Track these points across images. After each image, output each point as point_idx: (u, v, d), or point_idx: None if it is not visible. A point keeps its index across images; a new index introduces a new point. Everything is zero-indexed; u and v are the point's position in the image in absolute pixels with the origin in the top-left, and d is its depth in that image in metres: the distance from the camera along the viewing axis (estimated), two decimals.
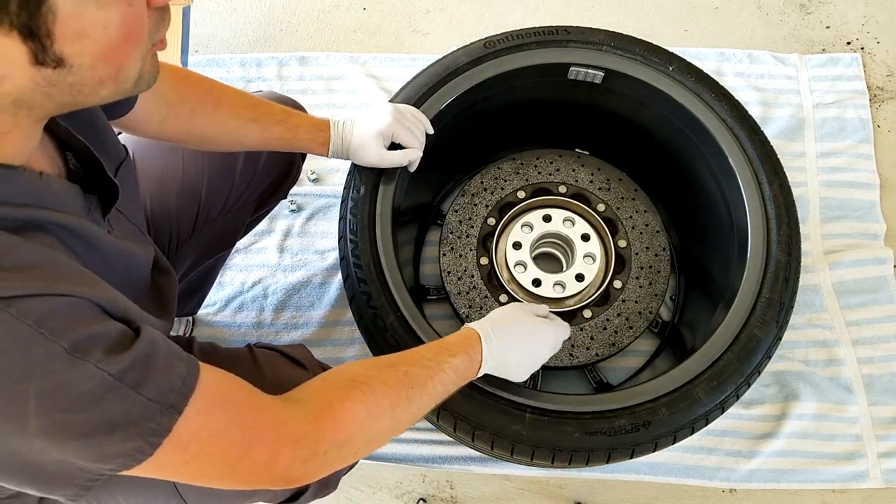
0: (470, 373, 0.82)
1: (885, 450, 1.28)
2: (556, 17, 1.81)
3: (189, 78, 0.91)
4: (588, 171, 1.35)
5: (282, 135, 0.97)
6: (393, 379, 0.72)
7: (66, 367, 0.49)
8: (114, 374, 0.51)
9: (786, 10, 1.80)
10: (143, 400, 0.53)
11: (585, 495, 1.28)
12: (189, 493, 0.82)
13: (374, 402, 0.68)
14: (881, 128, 1.62)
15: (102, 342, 0.52)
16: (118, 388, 0.51)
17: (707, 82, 1.19)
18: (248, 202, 1.09)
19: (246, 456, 0.60)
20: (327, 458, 0.65)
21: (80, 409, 0.50)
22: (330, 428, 0.65)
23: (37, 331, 0.48)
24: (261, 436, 0.60)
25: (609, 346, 1.23)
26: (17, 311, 0.47)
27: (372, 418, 0.68)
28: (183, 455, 0.56)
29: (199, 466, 0.58)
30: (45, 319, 0.48)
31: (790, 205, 1.10)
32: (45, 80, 0.48)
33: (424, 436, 1.29)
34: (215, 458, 0.58)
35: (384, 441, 0.73)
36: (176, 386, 0.55)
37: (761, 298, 1.02)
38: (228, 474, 0.61)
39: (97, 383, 0.50)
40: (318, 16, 1.82)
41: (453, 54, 1.20)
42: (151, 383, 0.53)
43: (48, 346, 0.48)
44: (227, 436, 0.58)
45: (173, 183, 0.98)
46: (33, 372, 0.48)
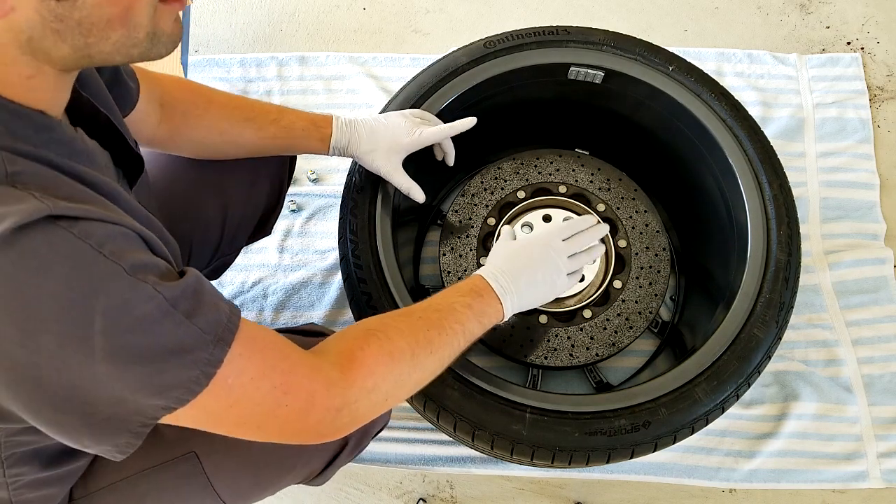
0: (491, 310, 0.82)
1: (885, 450, 1.28)
2: (556, 17, 1.81)
3: (181, 82, 0.91)
4: (588, 171, 1.35)
5: (276, 133, 0.96)
6: (406, 324, 0.74)
7: (128, 285, 0.50)
8: (168, 298, 0.52)
9: (786, 10, 1.80)
10: (196, 329, 0.54)
11: (585, 495, 1.28)
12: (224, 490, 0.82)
13: (391, 345, 0.70)
14: (881, 128, 1.62)
15: (155, 269, 0.53)
16: (173, 314, 0.52)
17: (707, 82, 1.19)
18: (239, 246, 1.11)
19: (284, 402, 0.61)
20: (359, 406, 0.67)
21: (141, 330, 0.51)
22: (357, 374, 0.66)
23: (98, 251, 0.49)
24: (297, 382, 0.62)
25: (609, 346, 1.23)
26: (79, 231, 0.49)
27: (393, 361, 0.69)
28: (228, 397, 0.57)
29: (242, 411, 0.59)
30: (104, 241, 0.50)
31: (790, 205, 1.10)
32: (50, 13, 0.48)
33: (424, 436, 1.29)
34: (256, 402, 0.59)
35: (412, 385, 0.73)
36: (223, 321, 0.57)
37: (761, 298, 1.02)
38: (267, 422, 0.62)
39: (155, 305, 0.51)
40: (318, 16, 1.82)
41: (453, 54, 1.20)
42: (202, 315, 0.55)
43: (110, 265, 0.49)
44: (267, 379, 0.60)
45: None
46: (98, 290, 0.49)
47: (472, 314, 0.80)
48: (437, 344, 0.74)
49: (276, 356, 0.62)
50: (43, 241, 0.47)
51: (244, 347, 0.58)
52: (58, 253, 0.48)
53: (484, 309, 0.82)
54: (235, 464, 0.81)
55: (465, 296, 0.81)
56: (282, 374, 0.61)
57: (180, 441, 0.79)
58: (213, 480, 0.80)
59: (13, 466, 0.67)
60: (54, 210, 0.48)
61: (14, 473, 0.68)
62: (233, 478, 0.82)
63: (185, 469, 0.79)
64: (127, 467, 0.78)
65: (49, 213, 0.47)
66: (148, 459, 0.78)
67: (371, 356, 0.68)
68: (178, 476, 0.79)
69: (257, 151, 0.99)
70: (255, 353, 0.59)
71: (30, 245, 0.47)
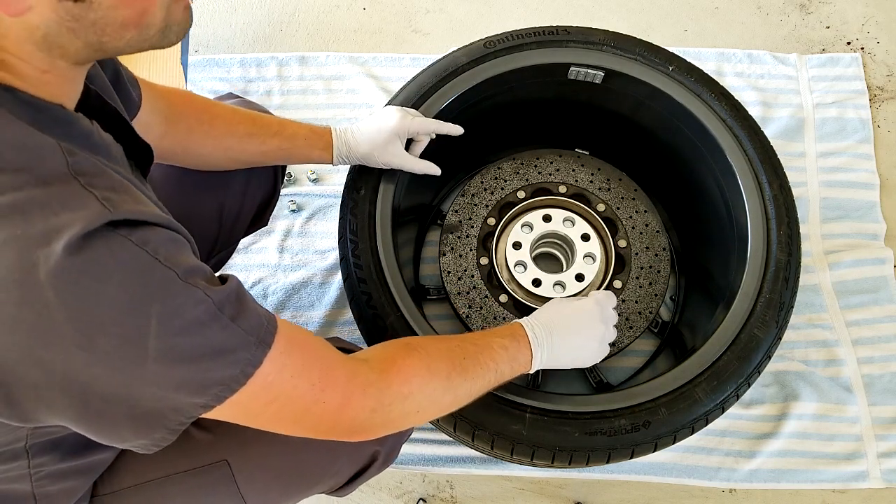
0: (522, 358, 0.84)
1: (885, 450, 1.28)
2: (556, 17, 1.81)
3: (185, 97, 0.92)
4: (588, 171, 1.35)
5: (280, 145, 0.97)
6: (445, 347, 0.77)
7: (181, 291, 0.53)
8: (216, 302, 0.55)
9: (786, 10, 1.80)
10: (240, 331, 0.57)
11: (585, 495, 1.28)
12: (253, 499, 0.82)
13: (431, 361, 0.74)
14: (881, 128, 1.62)
15: (203, 274, 0.56)
16: (220, 318, 0.55)
17: (707, 82, 1.19)
18: (236, 240, 1.11)
19: (321, 399, 0.63)
20: (392, 410, 0.69)
21: (191, 333, 0.53)
22: (394, 379, 0.69)
23: (154, 257, 0.52)
24: (334, 379, 0.65)
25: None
26: (138, 238, 0.51)
27: (431, 375, 0.72)
28: (268, 393, 0.60)
29: (280, 407, 0.62)
30: (159, 247, 0.53)
31: (790, 205, 1.10)
32: (67, 13, 0.49)
33: (424, 436, 1.29)
34: (294, 399, 0.62)
35: (443, 407, 0.76)
36: (263, 324, 0.59)
37: (761, 298, 1.02)
38: (303, 418, 0.64)
39: (204, 309, 0.54)
40: (318, 16, 1.82)
41: (453, 54, 1.20)
42: (244, 318, 0.57)
43: (165, 271, 0.52)
44: (305, 376, 0.62)
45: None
46: (155, 295, 0.51)
47: (506, 356, 0.82)
48: (472, 374, 0.77)
49: (314, 355, 0.64)
50: (106, 250, 0.50)
51: (285, 347, 0.61)
52: (119, 261, 0.50)
53: (517, 355, 0.83)
54: (266, 474, 0.82)
55: (504, 338, 0.83)
56: (320, 371, 0.64)
57: (213, 448, 0.80)
58: (242, 489, 0.81)
59: (36, 456, 0.68)
60: (115, 215, 0.50)
61: (38, 463, 0.69)
62: (263, 487, 0.82)
63: (216, 476, 0.80)
64: (155, 469, 0.79)
65: (110, 219, 0.50)
66: (179, 464, 0.79)
67: (410, 366, 0.71)
68: (209, 483, 0.80)
69: (260, 163, 1.01)
70: (295, 352, 0.62)
71: (94, 254, 0.49)
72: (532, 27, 1.22)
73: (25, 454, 0.67)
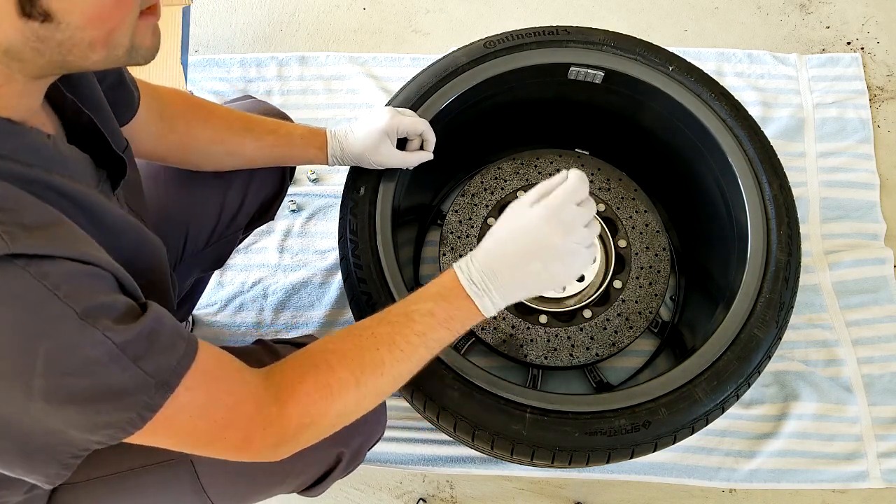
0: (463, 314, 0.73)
1: (885, 450, 1.28)
2: (556, 17, 1.81)
3: (181, 95, 0.92)
4: (588, 171, 1.35)
5: (276, 142, 0.98)
6: (353, 346, 0.69)
7: (76, 330, 0.50)
8: (118, 343, 0.52)
9: (786, 10, 1.80)
10: (141, 374, 0.54)
11: (585, 495, 1.28)
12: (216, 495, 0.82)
13: (331, 376, 0.67)
14: (881, 128, 1.62)
15: (112, 312, 0.53)
16: (120, 359, 0.52)
17: (707, 82, 1.19)
18: (238, 228, 1.10)
19: (223, 435, 0.62)
20: (298, 439, 0.67)
21: (83, 373, 0.51)
22: (293, 411, 0.65)
23: (52, 293, 0.49)
24: (236, 419, 0.62)
25: (609, 346, 1.22)
26: (36, 271, 0.48)
27: (333, 395, 0.66)
28: (168, 429, 0.58)
29: (182, 439, 0.61)
30: (61, 283, 0.49)
31: (790, 205, 1.10)
32: (33, 33, 0.48)
33: (424, 435, 1.29)
34: (197, 434, 0.61)
35: (362, 410, 0.70)
36: (172, 364, 0.57)
37: (761, 298, 1.02)
38: (208, 448, 0.63)
39: (103, 351, 0.51)
40: (318, 16, 1.82)
41: (453, 54, 1.20)
42: (151, 359, 0.55)
43: (62, 308, 0.49)
44: (208, 416, 0.60)
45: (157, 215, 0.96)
46: (45, 332, 0.49)
47: (435, 322, 0.71)
48: (390, 363, 0.69)
49: (222, 391, 0.62)
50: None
51: (193, 380, 0.58)
52: (8, 292, 0.47)
53: (452, 314, 0.72)
54: (229, 472, 0.81)
55: (428, 301, 0.72)
56: (224, 409, 0.61)
57: None
58: (205, 485, 0.81)
59: None
60: (12, 249, 0.47)
61: None
62: (226, 484, 0.82)
63: (179, 472, 0.80)
64: (120, 462, 0.79)
65: (7, 252, 0.47)
66: (142, 458, 0.79)
67: (305, 393, 0.65)
68: (172, 478, 0.80)
69: (258, 162, 1.00)
70: (201, 389, 0.60)
71: None
72: (532, 27, 1.22)
73: None
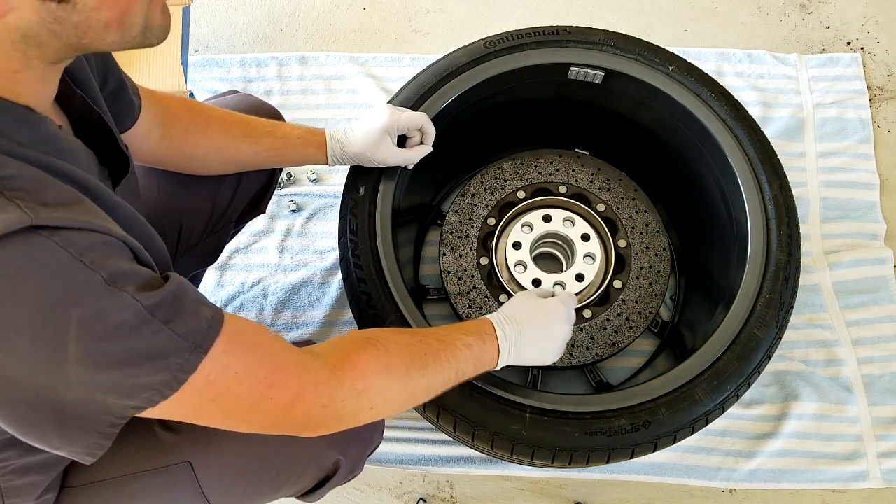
0: (487, 357, 0.83)
1: (885, 450, 1.28)
2: (556, 17, 1.81)
3: (180, 101, 0.93)
4: (588, 171, 1.35)
5: (273, 145, 0.98)
6: (406, 342, 0.75)
7: (105, 295, 0.51)
8: (147, 306, 0.53)
9: (786, 10, 1.80)
10: (173, 335, 0.55)
11: (585, 495, 1.28)
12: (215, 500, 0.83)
13: (388, 357, 0.72)
14: (881, 128, 1.62)
15: (136, 278, 0.54)
16: (150, 322, 0.53)
17: (707, 82, 1.19)
18: (230, 221, 1.11)
19: (268, 395, 0.62)
20: (345, 406, 0.68)
21: (115, 337, 0.52)
22: (348, 376, 0.68)
23: (78, 260, 0.50)
24: (283, 377, 0.63)
25: (609, 346, 1.22)
26: (61, 239, 0.49)
27: (387, 372, 0.71)
28: (209, 392, 0.58)
29: (224, 405, 0.60)
30: (85, 250, 0.50)
31: (790, 205, 1.10)
32: (50, 14, 0.49)
33: (424, 436, 1.29)
34: (240, 396, 0.61)
35: (399, 404, 0.74)
36: (202, 328, 0.57)
37: (761, 298, 1.02)
38: (251, 415, 0.63)
39: (132, 314, 0.52)
40: (318, 16, 1.82)
41: (453, 54, 1.20)
42: (180, 321, 0.56)
43: (89, 274, 0.50)
44: (251, 375, 0.61)
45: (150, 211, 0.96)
46: (75, 298, 0.50)
47: (470, 355, 0.80)
48: (431, 370, 0.75)
49: (263, 352, 0.63)
50: (21, 250, 0.48)
51: (229, 345, 0.59)
52: (36, 261, 0.48)
53: (481, 354, 0.82)
54: (228, 476, 0.82)
55: (469, 335, 0.82)
56: (268, 369, 0.62)
57: (177, 449, 0.80)
58: (205, 490, 0.81)
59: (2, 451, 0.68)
60: (36, 220, 0.48)
61: (2, 458, 0.68)
62: (224, 488, 0.83)
63: (179, 476, 0.80)
64: (123, 466, 0.79)
65: (30, 224, 0.48)
66: (144, 463, 0.80)
67: (365, 361, 0.70)
68: (172, 483, 0.80)
69: (257, 164, 1.01)
70: (241, 350, 0.61)
71: (7, 254, 0.48)
72: (532, 27, 1.22)
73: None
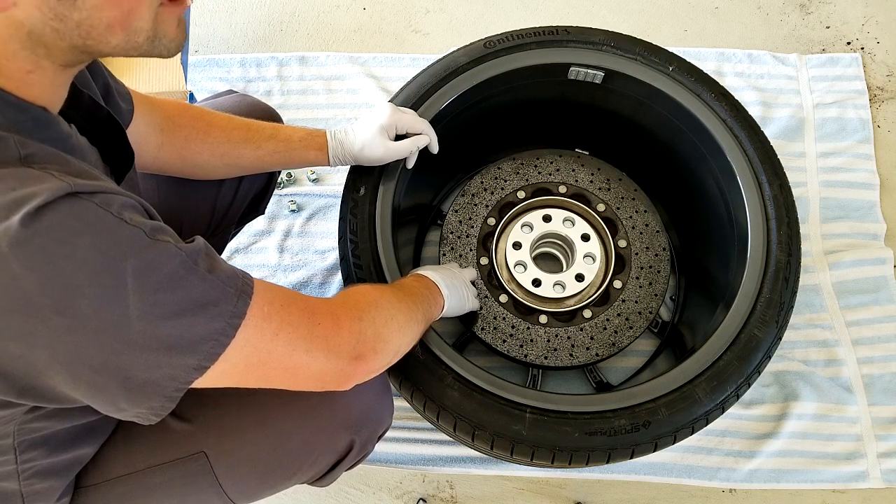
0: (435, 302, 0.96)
1: (885, 450, 1.28)
2: (556, 17, 1.81)
3: (182, 107, 0.93)
4: (588, 171, 1.35)
5: (275, 149, 0.98)
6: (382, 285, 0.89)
7: (151, 246, 0.53)
8: (189, 255, 0.55)
9: (786, 10, 1.80)
10: (219, 282, 0.57)
11: (585, 495, 1.28)
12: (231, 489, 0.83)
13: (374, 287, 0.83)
14: (881, 128, 1.62)
15: (169, 233, 0.56)
16: (196, 270, 0.55)
17: (707, 82, 1.19)
18: (231, 223, 1.11)
19: (315, 320, 0.66)
20: (374, 318, 0.75)
21: (171, 287, 0.53)
22: (358, 296, 0.76)
23: (119, 218, 0.52)
24: (317, 306, 0.68)
25: (609, 346, 1.22)
26: (100, 201, 0.51)
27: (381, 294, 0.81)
28: (269, 324, 0.61)
29: (285, 338, 0.63)
30: (123, 210, 0.52)
31: (790, 205, 1.10)
32: (51, 10, 0.50)
33: (424, 436, 1.29)
34: (294, 324, 0.64)
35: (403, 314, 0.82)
36: (240, 275, 0.60)
37: (761, 298, 1.02)
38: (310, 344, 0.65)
39: (179, 262, 0.54)
40: (318, 16, 1.82)
41: (453, 54, 1.20)
42: (220, 271, 0.58)
43: (132, 230, 0.52)
44: (294, 305, 0.65)
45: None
46: (126, 252, 0.51)
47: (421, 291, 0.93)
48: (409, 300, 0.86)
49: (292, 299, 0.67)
50: (69, 213, 0.49)
51: (266, 290, 0.62)
52: (84, 222, 0.50)
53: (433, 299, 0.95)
54: (244, 464, 0.82)
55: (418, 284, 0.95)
56: (304, 302, 0.67)
57: (191, 440, 0.81)
58: (220, 479, 0.81)
59: (25, 452, 0.68)
60: (75, 187, 0.50)
61: (26, 459, 0.69)
62: (240, 477, 0.83)
63: (194, 468, 0.80)
64: (137, 461, 0.80)
65: (70, 191, 0.49)
66: (158, 456, 0.80)
67: (359, 288, 0.81)
68: (187, 474, 0.81)
69: (259, 168, 1.01)
70: (275, 300, 0.63)
71: (56, 218, 0.49)
72: (532, 27, 1.22)
73: (13, 450, 0.67)
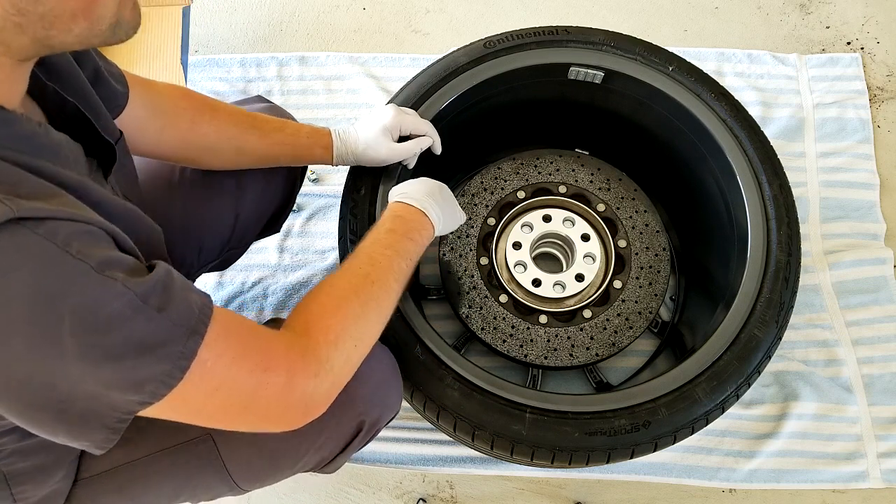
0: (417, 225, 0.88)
1: (885, 450, 1.28)
2: (556, 17, 1.81)
3: (183, 91, 0.92)
4: (588, 171, 1.35)
5: (282, 140, 0.97)
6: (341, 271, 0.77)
7: (96, 284, 0.49)
8: (139, 294, 0.51)
9: (786, 10, 1.80)
10: (168, 323, 0.53)
11: (585, 495, 1.28)
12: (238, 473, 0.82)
13: (333, 291, 0.73)
14: (881, 128, 1.62)
15: (123, 266, 0.52)
16: (144, 310, 0.52)
17: (707, 82, 1.19)
18: (249, 241, 1.12)
19: (265, 380, 0.61)
20: (333, 364, 0.67)
21: (112, 329, 0.50)
22: (317, 334, 0.67)
23: (64, 250, 0.48)
24: (275, 357, 0.62)
25: (609, 346, 1.22)
26: (45, 231, 0.48)
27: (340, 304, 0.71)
28: (209, 383, 0.57)
29: (225, 396, 0.59)
30: (71, 240, 0.49)
31: (790, 205, 1.10)
32: (13, 6, 0.47)
33: (424, 436, 1.29)
34: (239, 383, 0.59)
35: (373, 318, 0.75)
36: (195, 312, 0.56)
37: (761, 298, 1.02)
38: (252, 405, 0.61)
39: (125, 302, 0.51)
40: (318, 16, 1.82)
41: (453, 54, 1.20)
42: (173, 308, 0.54)
43: (77, 264, 0.49)
44: (246, 359, 0.60)
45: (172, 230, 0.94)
46: (66, 290, 0.48)
47: (397, 236, 0.83)
48: (374, 275, 0.77)
49: (251, 337, 0.62)
50: (8, 243, 0.46)
51: (220, 331, 0.58)
52: (23, 254, 0.47)
53: (410, 227, 0.86)
54: (250, 448, 0.81)
55: (384, 223, 0.86)
56: (259, 352, 0.61)
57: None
58: (227, 464, 0.81)
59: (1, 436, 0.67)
60: (18, 212, 0.47)
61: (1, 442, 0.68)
62: (247, 462, 0.82)
63: (201, 451, 0.80)
64: (142, 447, 0.79)
65: (13, 216, 0.46)
66: (164, 440, 0.79)
67: (319, 311, 0.70)
68: (194, 458, 0.80)
69: (265, 160, 1.00)
70: (231, 337, 0.60)
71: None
72: (532, 27, 1.22)
73: None
